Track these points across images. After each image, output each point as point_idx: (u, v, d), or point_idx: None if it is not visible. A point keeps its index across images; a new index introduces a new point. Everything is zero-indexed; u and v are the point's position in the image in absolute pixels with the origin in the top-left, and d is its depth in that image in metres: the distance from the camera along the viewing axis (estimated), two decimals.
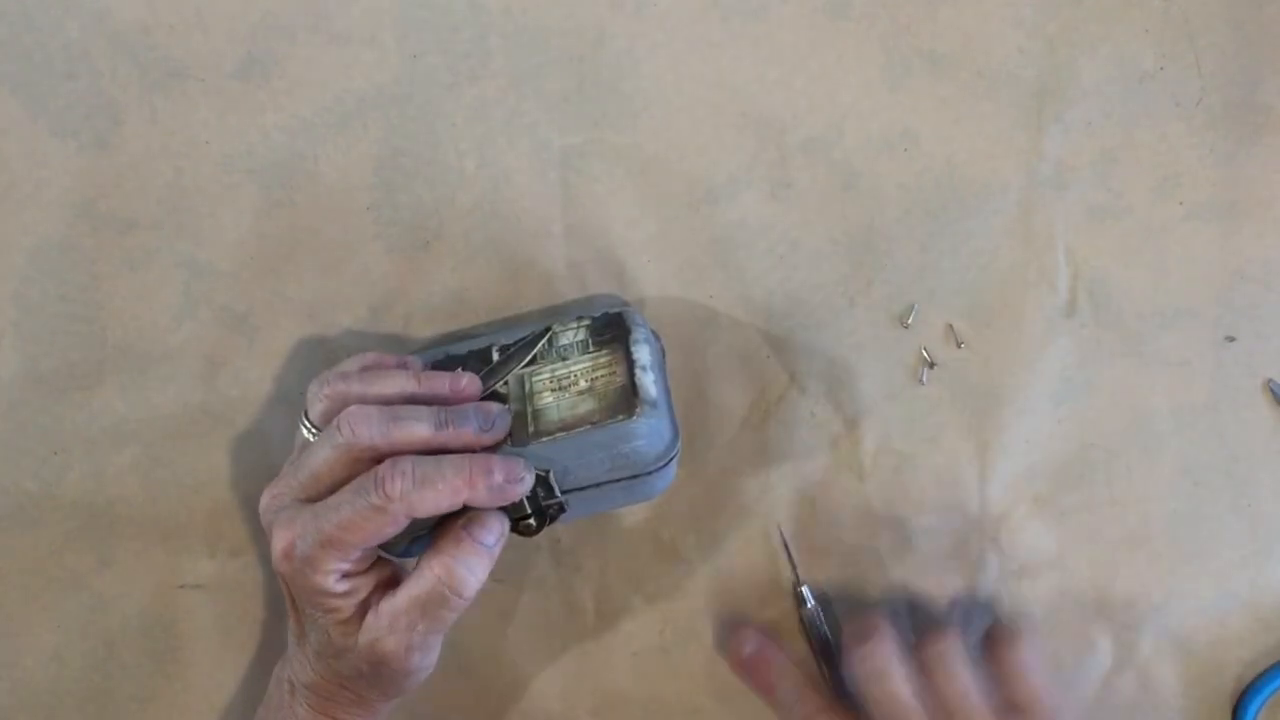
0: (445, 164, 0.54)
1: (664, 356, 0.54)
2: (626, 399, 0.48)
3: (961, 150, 0.56)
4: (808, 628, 0.58)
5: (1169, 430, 0.58)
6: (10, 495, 0.55)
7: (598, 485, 0.48)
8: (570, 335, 0.52)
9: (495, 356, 0.52)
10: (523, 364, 0.51)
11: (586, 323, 0.52)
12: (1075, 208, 0.57)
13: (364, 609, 0.47)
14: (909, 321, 0.57)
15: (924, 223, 0.56)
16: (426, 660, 0.48)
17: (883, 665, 0.51)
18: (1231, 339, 0.58)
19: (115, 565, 0.56)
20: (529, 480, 0.47)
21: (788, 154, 0.55)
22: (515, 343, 0.52)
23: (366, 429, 0.46)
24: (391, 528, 0.45)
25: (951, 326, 0.57)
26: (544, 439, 0.47)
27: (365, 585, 0.47)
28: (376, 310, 0.55)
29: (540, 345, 0.51)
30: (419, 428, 0.46)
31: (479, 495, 0.45)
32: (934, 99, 0.55)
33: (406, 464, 0.45)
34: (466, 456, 0.46)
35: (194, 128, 0.53)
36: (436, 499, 0.44)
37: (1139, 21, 0.55)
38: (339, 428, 0.46)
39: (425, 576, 0.46)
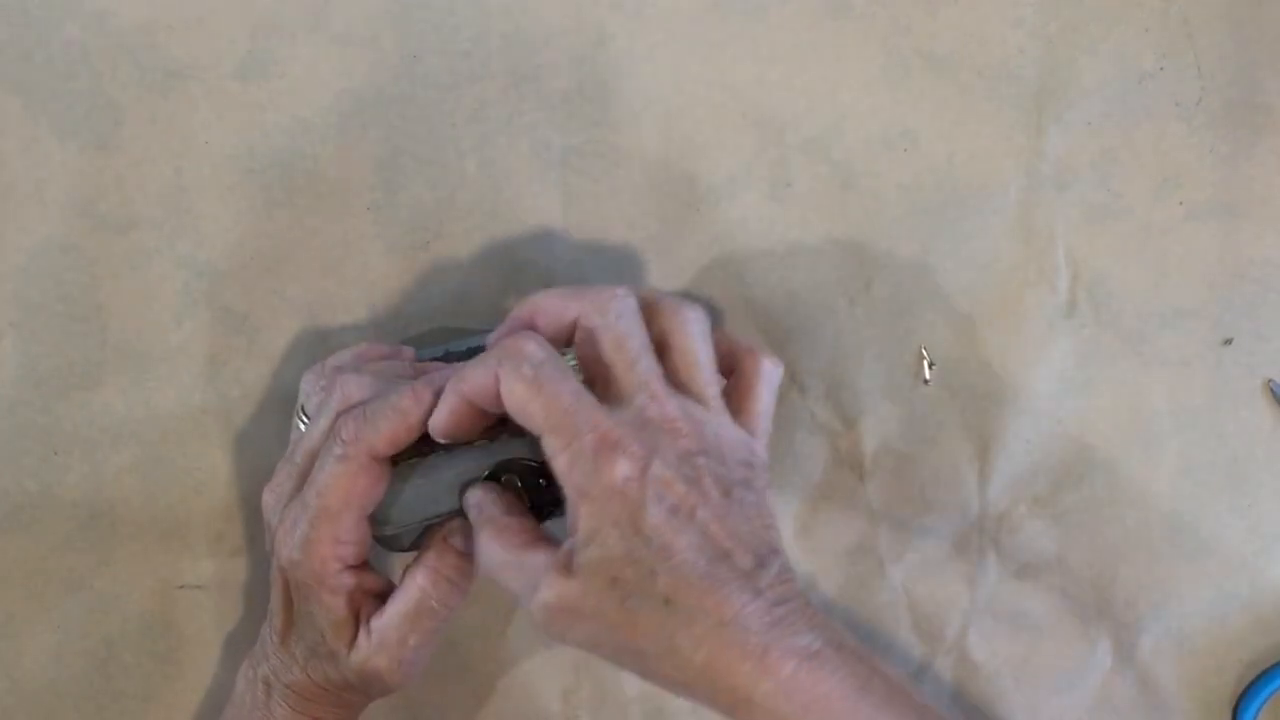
0: (445, 164, 0.54)
1: None
2: None
3: (961, 150, 0.56)
4: None
5: (1169, 430, 0.58)
6: (10, 495, 0.55)
7: None
8: None
9: None
10: None
11: None
12: (1075, 208, 0.57)
13: (355, 613, 0.46)
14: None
15: (924, 223, 0.56)
16: (418, 669, 0.48)
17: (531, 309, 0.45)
18: (1231, 340, 0.58)
19: (115, 565, 0.56)
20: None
21: (788, 154, 0.55)
22: None
23: (359, 391, 0.45)
24: (365, 479, 0.44)
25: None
26: None
27: (359, 583, 0.46)
28: (376, 310, 0.55)
29: None
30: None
31: (428, 406, 0.44)
32: (934, 99, 0.55)
33: (357, 409, 0.45)
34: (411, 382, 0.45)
35: (194, 128, 0.53)
36: (391, 428, 0.44)
37: (1139, 21, 0.55)
38: (331, 396, 0.46)
39: (409, 589, 0.46)
